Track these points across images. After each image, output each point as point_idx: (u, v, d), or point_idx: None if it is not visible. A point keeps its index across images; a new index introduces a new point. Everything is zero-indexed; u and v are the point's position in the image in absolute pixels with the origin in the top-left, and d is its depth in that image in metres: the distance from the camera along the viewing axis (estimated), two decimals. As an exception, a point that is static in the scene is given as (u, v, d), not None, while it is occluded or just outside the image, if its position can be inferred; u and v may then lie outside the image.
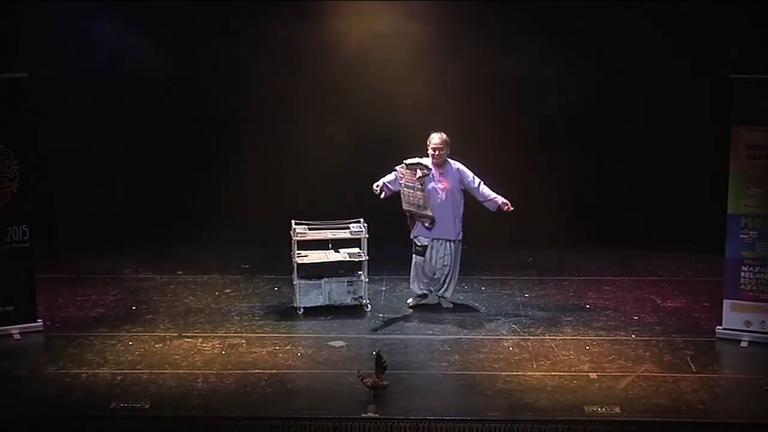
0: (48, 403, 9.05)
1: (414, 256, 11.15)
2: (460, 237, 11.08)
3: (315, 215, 11.43)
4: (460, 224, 11.07)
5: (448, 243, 11.04)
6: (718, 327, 10.43)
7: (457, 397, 9.13)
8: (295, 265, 11.16)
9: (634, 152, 13.57)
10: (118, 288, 11.95)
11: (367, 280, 11.20)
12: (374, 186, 10.89)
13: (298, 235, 11.24)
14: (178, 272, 12.48)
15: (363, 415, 8.74)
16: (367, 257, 11.14)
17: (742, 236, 10.29)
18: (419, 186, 10.89)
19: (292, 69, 13.49)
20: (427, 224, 10.97)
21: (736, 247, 10.32)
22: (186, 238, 13.35)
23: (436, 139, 10.92)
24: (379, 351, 9.30)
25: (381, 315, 11.03)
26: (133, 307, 11.34)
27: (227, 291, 11.89)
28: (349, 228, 11.30)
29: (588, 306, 11.40)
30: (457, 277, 11.23)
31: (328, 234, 11.31)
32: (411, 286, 11.28)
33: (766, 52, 12.35)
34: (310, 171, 13.52)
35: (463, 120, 13.31)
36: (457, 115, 13.31)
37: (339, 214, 11.41)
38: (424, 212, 10.92)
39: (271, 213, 12.81)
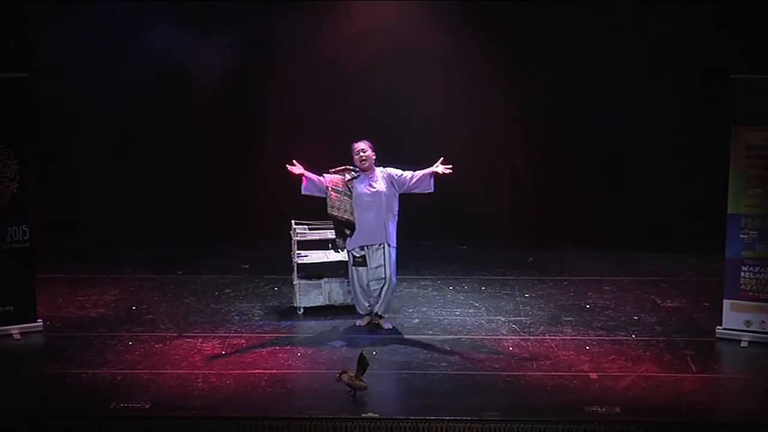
0: (48, 403, 9.06)
1: (353, 270, 10.64)
2: (394, 243, 10.56)
3: (315, 215, 11.42)
4: (394, 231, 10.56)
5: (382, 249, 10.52)
6: (718, 327, 10.43)
7: (457, 397, 9.12)
8: (295, 265, 11.16)
9: (634, 152, 13.57)
10: (118, 288, 11.96)
11: (367, 280, 11.19)
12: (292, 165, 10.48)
13: (298, 235, 11.24)
14: (178, 272, 12.49)
15: (363, 415, 8.73)
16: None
17: (742, 236, 10.28)
18: (347, 191, 10.57)
19: (294, 69, 13.51)
20: (347, 231, 10.59)
21: (736, 247, 10.32)
22: (186, 238, 13.36)
23: (358, 145, 10.59)
24: (362, 351, 9.24)
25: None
26: (133, 307, 11.34)
27: (227, 291, 11.90)
28: (349, 228, 11.29)
29: (588, 306, 11.39)
30: (393, 293, 10.69)
31: (328, 234, 11.30)
32: (357, 306, 10.79)
33: (766, 52, 12.35)
34: (310, 171, 13.51)
35: (466, 121, 13.36)
36: (459, 117, 13.36)
37: (339, 214, 11.41)
38: (348, 217, 10.53)
39: (271, 213, 12.82)
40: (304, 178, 10.59)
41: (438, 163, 10.42)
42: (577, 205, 13.45)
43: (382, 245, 10.56)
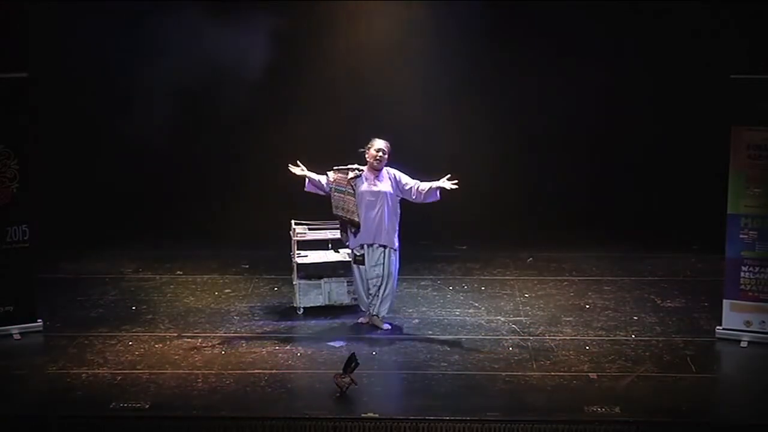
0: (48, 403, 9.06)
1: (354, 268, 10.66)
2: (396, 246, 10.52)
3: (315, 215, 11.42)
4: (396, 234, 10.51)
5: (381, 250, 10.50)
6: (718, 327, 10.43)
7: (457, 397, 9.12)
8: (295, 265, 11.16)
9: (634, 152, 13.59)
10: (118, 288, 11.95)
11: (367, 280, 11.19)
12: (295, 166, 10.48)
13: (298, 235, 11.24)
14: (178, 272, 12.49)
15: (363, 415, 8.74)
16: (367, 257, 11.13)
17: (742, 236, 10.28)
18: (350, 189, 10.49)
19: (293, 69, 13.52)
20: (352, 230, 10.55)
21: (736, 247, 10.31)
22: (186, 238, 13.36)
23: (380, 143, 10.49)
24: (353, 353, 9.26)
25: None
26: (133, 307, 11.34)
27: (227, 291, 11.89)
28: (349, 228, 11.29)
29: (588, 306, 11.39)
30: (394, 294, 10.67)
31: (328, 234, 11.30)
32: (359, 304, 10.82)
33: (766, 52, 12.36)
34: (310, 171, 13.51)
35: (466, 121, 13.36)
36: (459, 116, 13.36)
37: (339, 214, 11.41)
38: (352, 217, 10.50)
39: (271, 213, 12.81)
40: (306, 179, 10.58)
41: (444, 179, 10.35)
42: (577, 205, 13.45)
43: (381, 247, 10.53)
